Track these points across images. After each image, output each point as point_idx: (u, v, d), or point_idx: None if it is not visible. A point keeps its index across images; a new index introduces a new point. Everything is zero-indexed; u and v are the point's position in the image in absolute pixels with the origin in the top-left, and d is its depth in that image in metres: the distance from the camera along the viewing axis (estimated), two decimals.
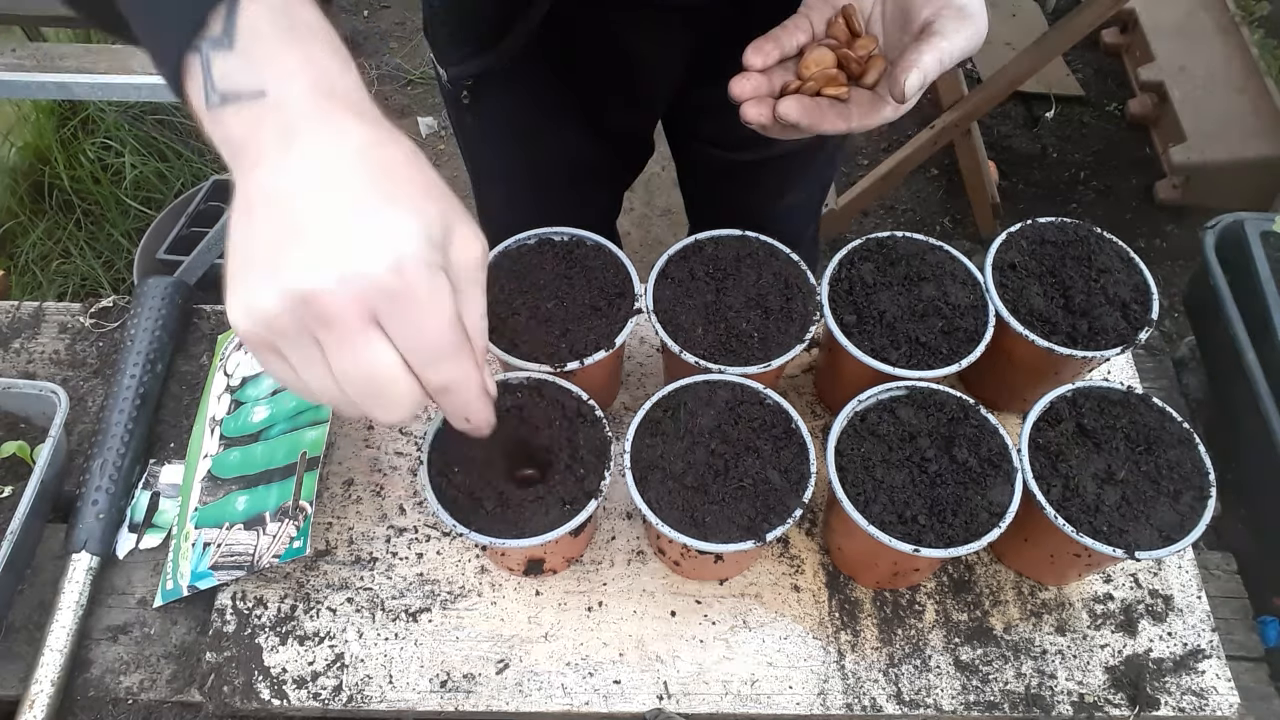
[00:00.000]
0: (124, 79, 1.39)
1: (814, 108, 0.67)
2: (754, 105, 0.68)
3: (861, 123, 0.67)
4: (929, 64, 0.61)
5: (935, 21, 0.63)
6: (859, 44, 0.68)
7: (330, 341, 0.45)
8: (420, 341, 0.46)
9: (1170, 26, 2.50)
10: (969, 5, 0.63)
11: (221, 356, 0.87)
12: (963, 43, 0.63)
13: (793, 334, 0.74)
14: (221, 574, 0.72)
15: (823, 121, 0.66)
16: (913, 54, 0.62)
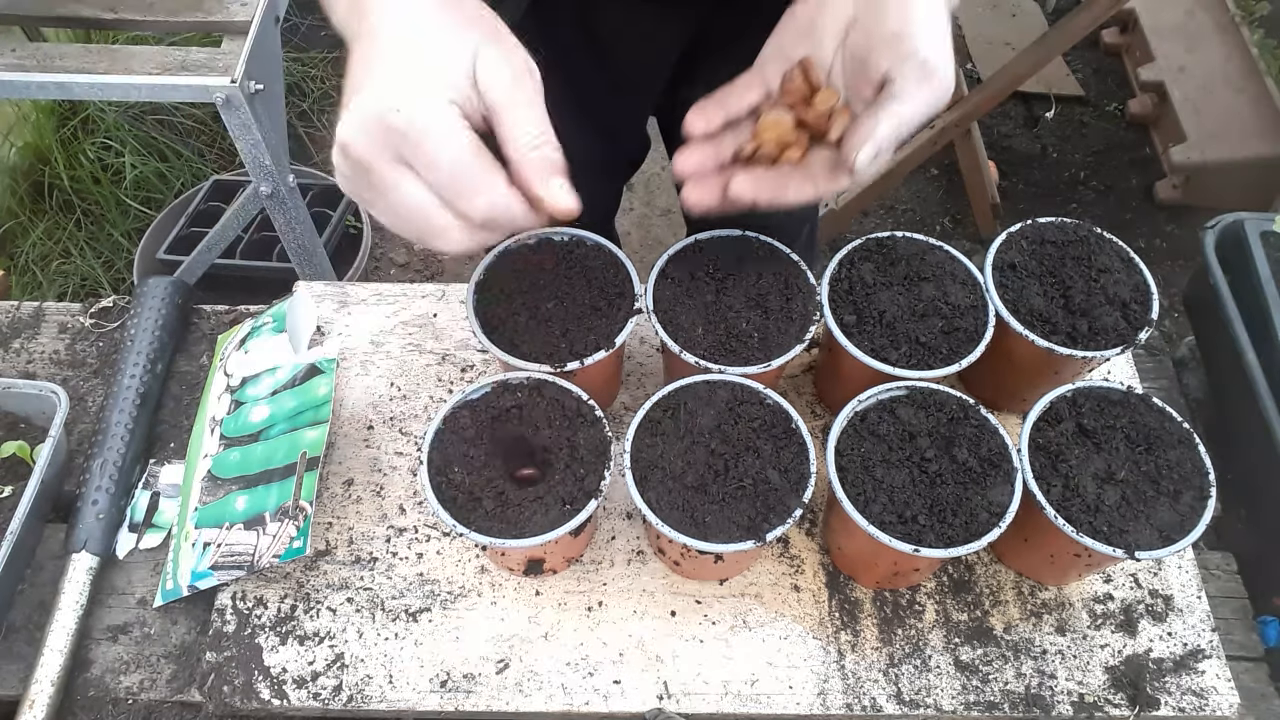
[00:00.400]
0: (124, 79, 1.39)
1: (773, 180, 0.62)
2: (695, 187, 0.62)
3: (830, 186, 0.62)
4: (884, 135, 0.57)
5: (896, 81, 0.58)
6: (820, 98, 0.62)
7: (374, 183, 0.51)
8: (438, 178, 0.50)
9: (1170, 26, 2.50)
10: (931, 59, 0.58)
11: (221, 356, 0.87)
12: (923, 106, 0.58)
13: (793, 334, 0.74)
14: (221, 574, 0.72)
15: (785, 193, 0.62)
16: (867, 122, 0.58)
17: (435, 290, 0.92)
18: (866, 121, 0.58)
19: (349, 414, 0.84)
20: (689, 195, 0.63)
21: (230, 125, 1.45)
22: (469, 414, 0.70)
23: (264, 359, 0.84)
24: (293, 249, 1.73)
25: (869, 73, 0.60)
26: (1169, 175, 2.35)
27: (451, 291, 0.92)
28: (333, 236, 1.99)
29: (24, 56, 1.40)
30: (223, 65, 1.39)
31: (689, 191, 0.63)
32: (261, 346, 0.85)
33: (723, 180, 0.63)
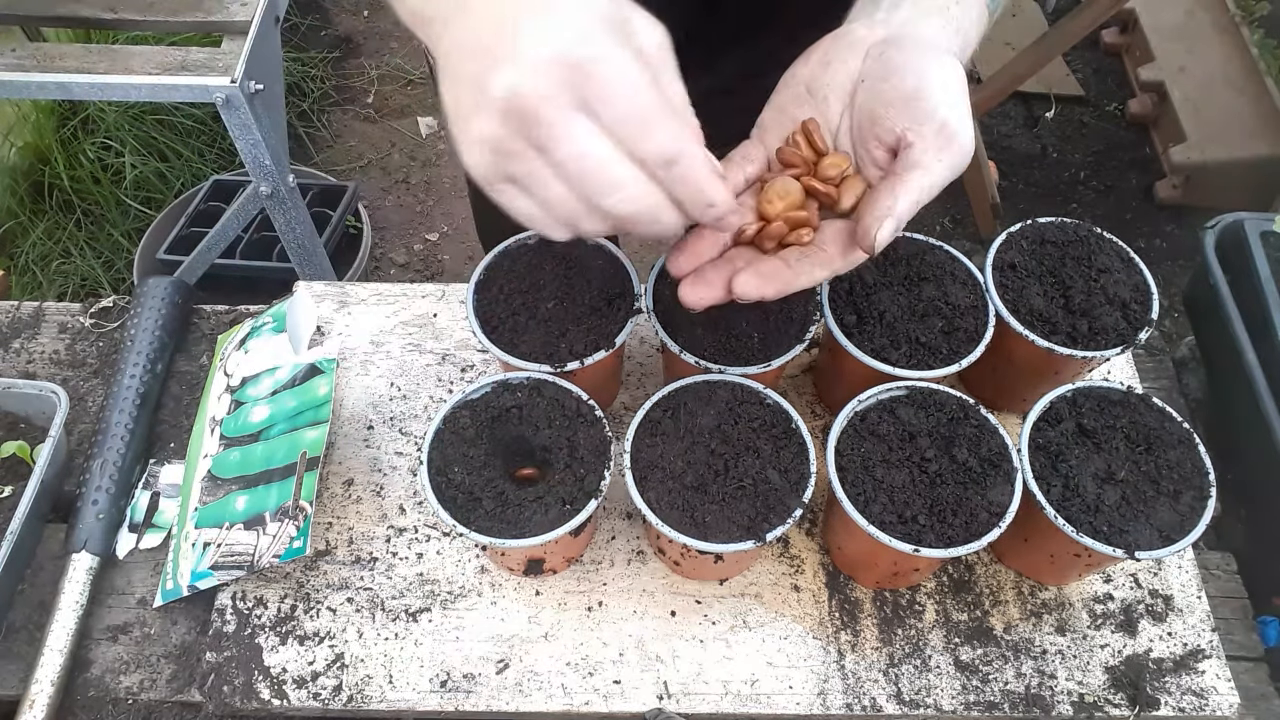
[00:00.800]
0: (124, 79, 1.39)
1: (780, 271, 0.56)
2: (691, 287, 0.56)
3: (846, 263, 0.57)
4: (903, 210, 0.53)
5: (915, 146, 0.54)
6: (828, 163, 0.58)
7: (545, 139, 0.45)
8: (622, 112, 0.45)
9: (1170, 26, 2.50)
10: (951, 121, 0.53)
11: (221, 356, 0.87)
12: (944, 173, 0.54)
13: (793, 334, 0.74)
14: (221, 574, 0.72)
15: (797, 279, 0.56)
16: (886, 198, 0.53)
17: (435, 290, 0.92)
18: (884, 196, 0.54)
19: (349, 414, 0.84)
20: (687, 294, 0.57)
21: (230, 125, 1.45)
22: (469, 414, 0.70)
23: (264, 359, 0.84)
24: (293, 249, 1.73)
25: (881, 135, 0.56)
26: (1169, 175, 2.35)
27: (451, 291, 0.92)
28: (333, 236, 1.99)
29: (24, 56, 1.40)
30: (223, 65, 1.39)
31: (687, 291, 0.57)
32: (261, 346, 0.85)
33: (725, 273, 0.57)
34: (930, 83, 0.55)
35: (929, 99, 0.54)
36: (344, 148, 2.52)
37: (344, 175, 2.41)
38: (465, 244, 2.37)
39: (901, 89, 0.55)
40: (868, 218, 0.54)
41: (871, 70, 0.58)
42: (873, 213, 0.54)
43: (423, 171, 2.50)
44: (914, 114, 0.54)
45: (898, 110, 0.55)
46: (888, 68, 0.57)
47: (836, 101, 0.60)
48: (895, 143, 0.56)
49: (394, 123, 2.59)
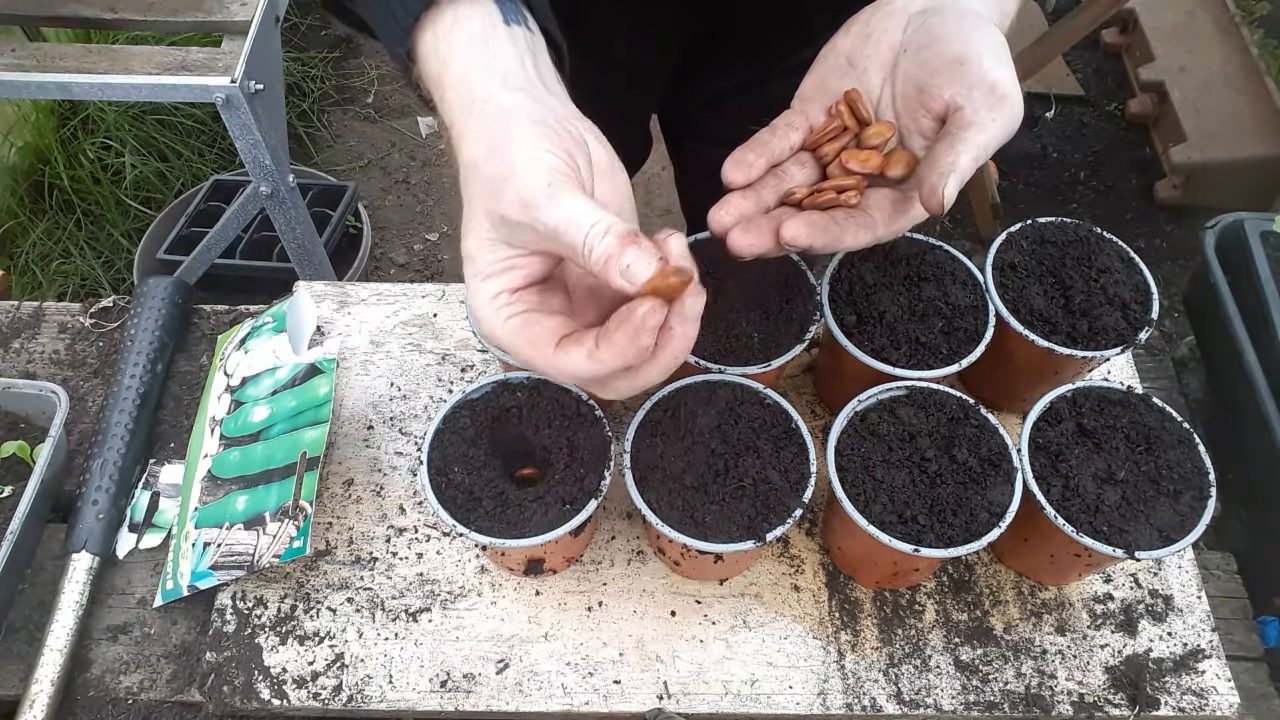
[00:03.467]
0: (124, 79, 1.39)
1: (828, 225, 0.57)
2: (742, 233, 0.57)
3: (890, 229, 0.58)
4: (965, 166, 0.53)
5: (965, 108, 0.54)
6: (871, 133, 0.59)
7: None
8: None
9: (1170, 26, 2.50)
10: (1001, 83, 0.54)
11: (221, 356, 0.87)
12: (999, 131, 0.54)
13: (793, 334, 0.73)
14: (221, 574, 0.72)
15: (843, 237, 0.57)
16: (946, 155, 0.53)
17: (435, 290, 0.92)
18: (944, 154, 0.53)
19: (349, 414, 0.84)
20: (737, 241, 0.57)
21: (230, 125, 1.45)
22: (469, 414, 0.70)
23: (264, 359, 0.84)
24: (293, 249, 1.73)
25: (929, 103, 0.56)
26: (1169, 175, 2.35)
27: (451, 291, 0.92)
28: (333, 236, 1.99)
29: (24, 56, 1.40)
30: (223, 65, 1.39)
31: (737, 236, 0.57)
32: (261, 346, 0.85)
33: (773, 223, 0.57)
34: (975, 47, 0.55)
35: (976, 63, 0.54)
36: (344, 148, 2.52)
37: (344, 175, 2.41)
38: None
39: (946, 56, 0.55)
40: (932, 176, 0.53)
41: (914, 39, 0.58)
42: (936, 170, 0.53)
43: (423, 171, 2.50)
44: (962, 79, 0.54)
45: (944, 77, 0.55)
46: (931, 36, 0.57)
47: (877, 72, 0.60)
48: (943, 110, 0.56)
49: (394, 123, 2.59)
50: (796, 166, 0.61)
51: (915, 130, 0.58)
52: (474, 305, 0.51)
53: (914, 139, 0.59)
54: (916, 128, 0.58)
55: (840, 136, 0.60)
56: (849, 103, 0.60)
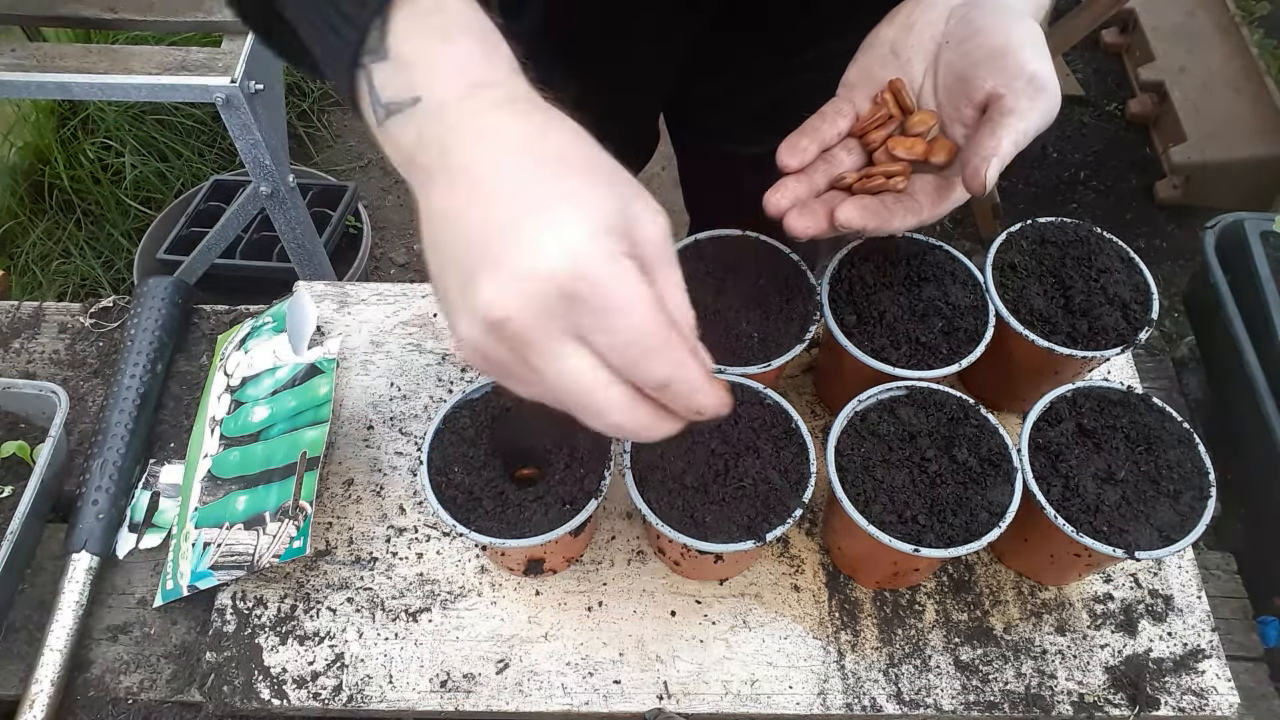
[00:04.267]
0: (124, 79, 1.39)
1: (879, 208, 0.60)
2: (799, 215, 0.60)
3: (933, 213, 0.61)
4: (1007, 150, 0.56)
5: (1006, 97, 0.57)
6: (915, 120, 0.62)
7: (532, 359, 0.42)
8: (620, 341, 0.41)
9: (1170, 26, 2.50)
10: (1040, 75, 0.57)
11: (221, 356, 0.87)
12: (1038, 119, 0.57)
13: (793, 334, 0.74)
14: (221, 574, 0.72)
15: (892, 220, 0.60)
16: (989, 140, 0.56)
17: None
18: (987, 139, 0.56)
19: (349, 414, 0.84)
20: (795, 223, 0.60)
21: (230, 125, 1.45)
22: (469, 414, 0.70)
23: (264, 359, 0.84)
24: (293, 249, 1.73)
25: (971, 93, 0.59)
26: (1169, 175, 2.35)
27: None
28: (333, 236, 1.99)
29: (24, 56, 1.40)
30: (223, 65, 1.39)
31: (794, 219, 0.60)
32: (261, 346, 0.85)
33: (827, 206, 0.61)
34: (1016, 40, 0.57)
35: (1016, 55, 0.57)
36: (344, 148, 2.52)
37: (344, 175, 2.41)
38: None
39: (988, 48, 0.58)
40: (975, 159, 0.56)
41: (956, 32, 0.61)
42: (979, 153, 0.56)
43: None
44: (1003, 70, 0.57)
45: (986, 68, 0.58)
46: (972, 29, 0.59)
47: (920, 62, 0.63)
48: (985, 99, 0.58)
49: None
50: (844, 152, 0.64)
51: (957, 119, 0.61)
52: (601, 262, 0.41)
53: (955, 127, 0.62)
54: (958, 116, 0.61)
55: (886, 124, 0.63)
56: (893, 91, 0.63)
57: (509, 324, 0.40)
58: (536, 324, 0.40)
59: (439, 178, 0.43)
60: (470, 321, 0.41)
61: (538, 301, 0.40)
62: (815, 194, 0.62)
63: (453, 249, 0.42)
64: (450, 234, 0.42)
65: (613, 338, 0.41)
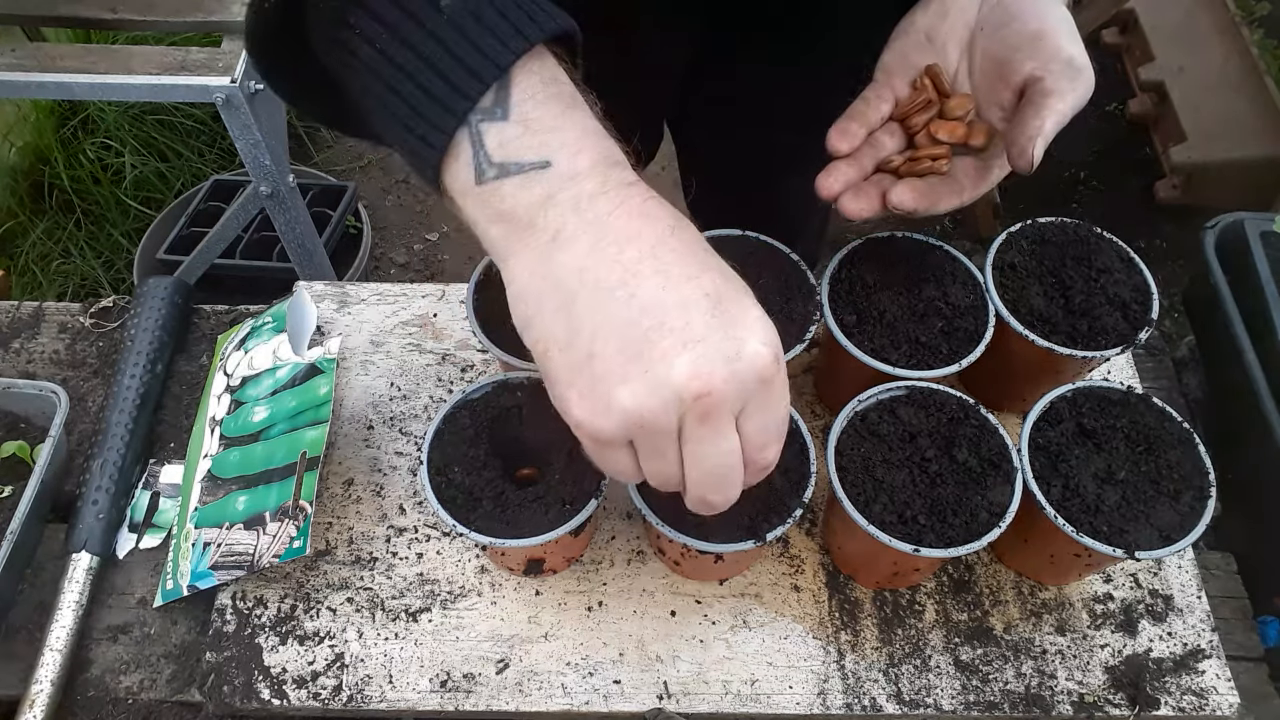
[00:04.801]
0: (124, 79, 1.39)
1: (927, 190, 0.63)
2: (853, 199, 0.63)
3: (974, 193, 0.64)
4: (1050, 129, 0.58)
5: (1045, 78, 0.59)
6: (952, 104, 0.64)
7: (700, 434, 0.43)
8: (773, 421, 0.46)
9: (1170, 26, 2.50)
10: (1077, 57, 0.59)
11: (221, 356, 0.87)
12: (1076, 100, 0.59)
13: (793, 334, 0.74)
14: (221, 574, 0.72)
15: (939, 201, 0.63)
16: (1033, 120, 0.58)
17: (435, 290, 0.92)
18: (1031, 118, 0.58)
19: (349, 414, 0.84)
20: (849, 205, 0.63)
21: (230, 125, 1.45)
22: (469, 414, 0.70)
23: (264, 359, 0.84)
24: (293, 249, 1.73)
25: (1009, 77, 0.61)
26: (1169, 175, 2.35)
27: (451, 291, 0.92)
28: (333, 236, 1.99)
29: (24, 56, 1.40)
30: (223, 65, 1.39)
31: (849, 202, 0.63)
32: (261, 347, 0.85)
33: (878, 189, 0.64)
34: (1051, 24, 0.60)
35: (1053, 39, 0.59)
36: (344, 148, 2.52)
37: (344, 175, 2.40)
38: (465, 244, 2.37)
39: (1024, 33, 0.60)
40: (1021, 138, 0.58)
41: (990, 18, 0.63)
42: (1025, 133, 0.58)
43: None
44: (1040, 53, 0.59)
45: (1024, 53, 0.60)
46: (1008, 14, 0.62)
47: (955, 47, 0.65)
48: (1023, 83, 0.60)
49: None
50: (887, 135, 0.67)
51: (994, 102, 0.63)
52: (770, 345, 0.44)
53: (992, 110, 0.64)
54: (995, 99, 0.63)
55: (927, 109, 0.65)
56: (931, 76, 0.65)
57: (709, 397, 0.42)
58: (731, 403, 0.43)
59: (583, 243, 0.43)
60: (649, 390, 0.42)
61: (739, 381, 0.42)
62: (864, 176, 0.65)
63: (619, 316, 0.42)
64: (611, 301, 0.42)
65: (769, 417, 0.45)
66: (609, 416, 0.43)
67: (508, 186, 0.44)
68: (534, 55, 0.44)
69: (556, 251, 0.43)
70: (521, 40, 0.43)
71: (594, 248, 0.43)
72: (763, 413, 0.45)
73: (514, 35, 0.43)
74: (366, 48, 0.44)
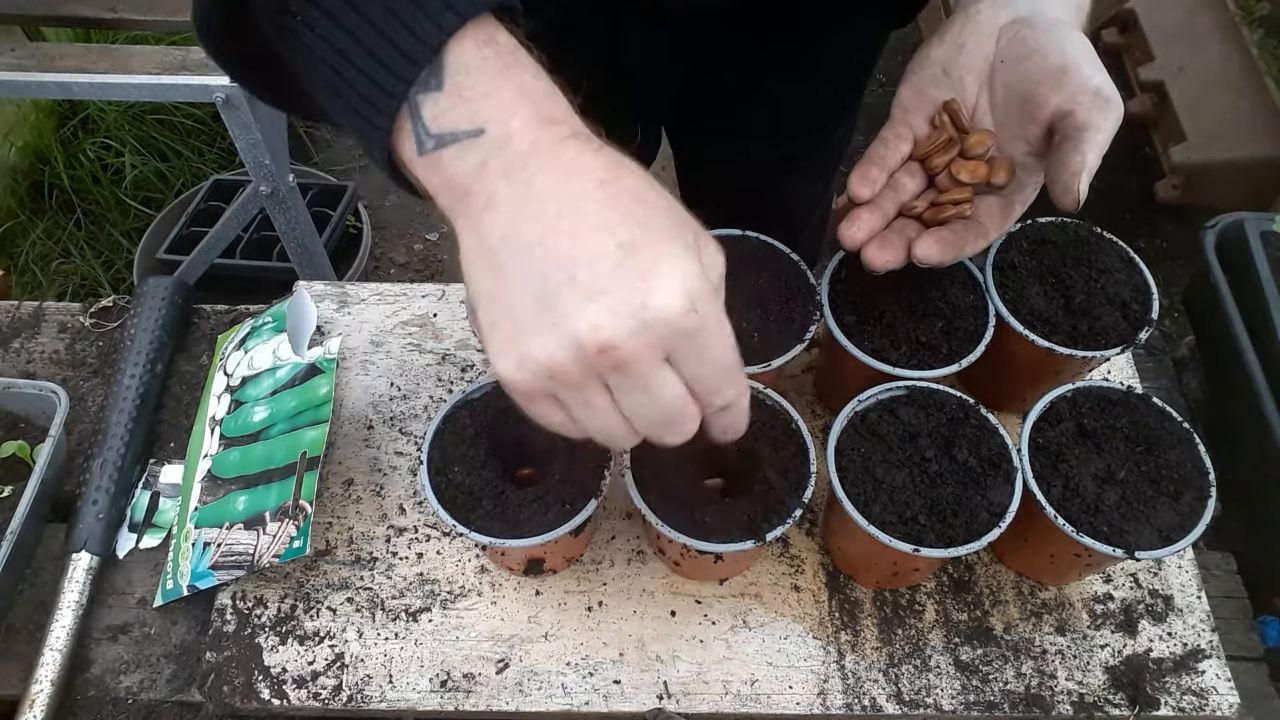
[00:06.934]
0: (124, 79, 1.39)
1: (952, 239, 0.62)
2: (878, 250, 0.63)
3: (998, 233, 0.64)
4: (1093, 163, 0.57)
5: (1076, 112, 0.58)
6: (973, 142, 0.63)
7: (623, 384, 0.44)
8: (710, 371, 0.45)
9: (1170, 26, 2.50)
10: (1104, 87, 0.58)
11: (221, 356, 0.87)
12: (1110, 130, 0.58)
13: (793, 334, 0.74)
14: (221, 574, 0.72)
15: (964, 248, 0.63)
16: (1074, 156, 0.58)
17: (435, 290, 0.92)
18: (1071, 154, 0.58)
19: (349, 414, 0.84)
20: (875, 257, 0.63)
21: (230, 125, 1.45)
22: (469, 414, 0.70)
23: (264, 359, 0.84)
24: (293, 249, 1.73)
25: (1036, 111, 0.60)
26: (1169, 175, 2.35)
27: (451, 291, 0.92)
28: (333, 236, 1.99)
29: (24, 56, 1.40)
30: None
31: (875, 253, 0.63)
32: (261, 347, 0.85)
33: (902, 239, 0.63)
34: (1073, 56, 0.59)
35: (1077, 71, 0.58)
36: (344, 148, 2.52)
37: (344, 175, 2.41)
38: None
39: (1048, 67, 0.59)
40: (1064, 175, 0.58)
41: (1009, 51, 0.61)
42: (1068, 170, 0.57)
43: None
44: (1067, 87, 0.58)
45: (1049, 87, 0.59)
46: (1027, 48, 0.60)
47: (973, 82, 0.64)
48: (1050, 118, 0.59)
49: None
50: (907, 176, 0.66)
51: (1020, 136, 0.62)
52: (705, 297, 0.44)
53: (1016, 145, 0.63)
54: (1021, 134, 0.62)
55: (948, 149, 0.64)
56: (950, 113, 0.63)
57: (615, 350, 0.41)
58: (645, 352, 0.42)
59: (508, 204, 0.43)
60: (557, 342, 0.42)
61: (650, 333, 0.41)
62: (886, 223, 0.64)
63: (532, 271, 0.42)
64: (528, 258, 0.42)
65: (703, 368, 0.44)
66: (523, 369, 0.44)
67: (446, 156, 0.44)
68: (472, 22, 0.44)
69: (487, 215, 0.44)
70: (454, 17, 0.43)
71: (518, 209, 0.43)
72: (695, 362, 0.44)
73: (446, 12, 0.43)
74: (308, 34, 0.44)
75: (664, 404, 0.45)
